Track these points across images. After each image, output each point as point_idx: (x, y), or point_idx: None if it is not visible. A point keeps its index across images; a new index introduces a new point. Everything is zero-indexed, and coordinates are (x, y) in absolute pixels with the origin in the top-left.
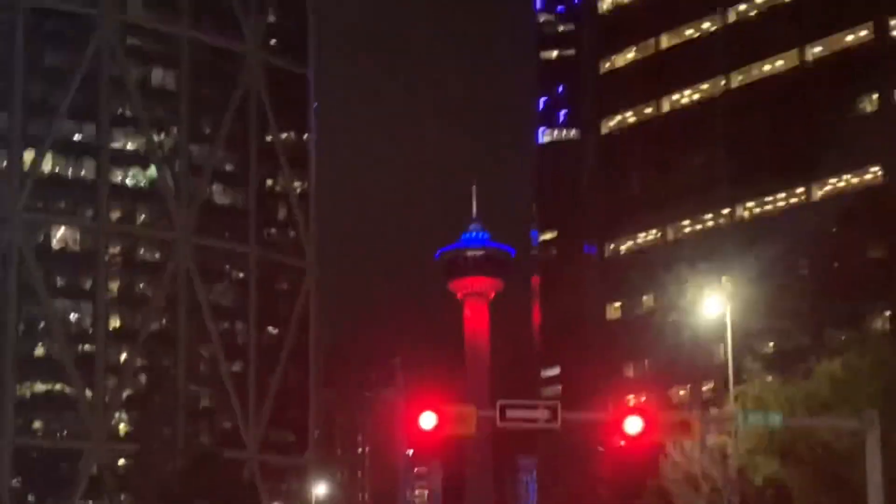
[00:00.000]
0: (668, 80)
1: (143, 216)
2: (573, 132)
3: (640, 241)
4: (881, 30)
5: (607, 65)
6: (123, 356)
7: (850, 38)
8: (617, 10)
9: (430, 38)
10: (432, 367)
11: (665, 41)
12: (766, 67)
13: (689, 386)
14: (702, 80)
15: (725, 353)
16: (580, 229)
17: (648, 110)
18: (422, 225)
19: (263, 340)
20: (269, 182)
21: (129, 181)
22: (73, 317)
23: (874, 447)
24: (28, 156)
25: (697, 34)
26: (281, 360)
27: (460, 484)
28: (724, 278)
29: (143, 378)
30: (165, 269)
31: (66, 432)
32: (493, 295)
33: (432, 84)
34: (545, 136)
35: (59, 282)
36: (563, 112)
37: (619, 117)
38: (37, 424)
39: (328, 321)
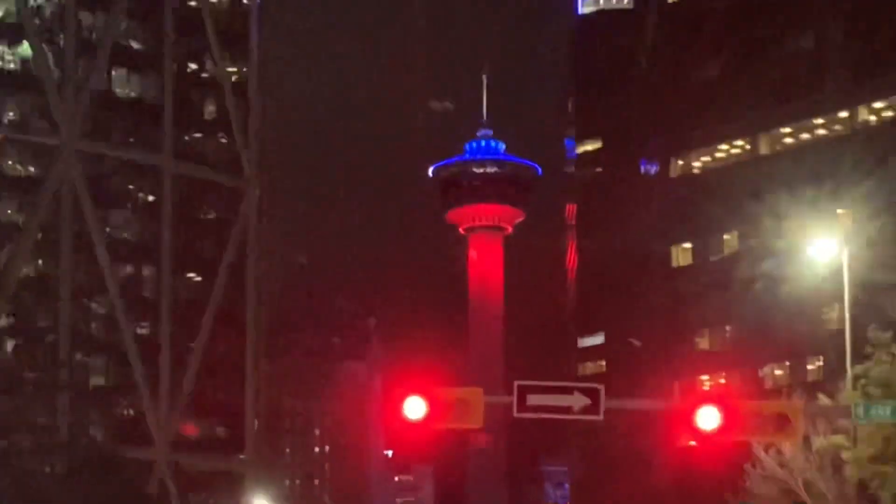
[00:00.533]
0: None
1: (12, 113)
2: None
3: (719, 155)
4: None
5: None
6: None
7: None
8: None
9: None
10: (422, 333)
11: None
12: None
13: (787, 364)
14: None
15: (840, 317)
16: (635, 138)
17: None
18: (410, 131)
19: (182, 292)
20: (193, 66)
21: None
22: None
23: None
24: None
25: None
26: (206, 321)
27: (460, 498)
28: (839, 210)
29: (9, 344)
30: (42, 189)
31: None
32: (509, 230)
33: None
34: (586, 4)
35: None
36: None
37: None
38: None
39: (274, 265)
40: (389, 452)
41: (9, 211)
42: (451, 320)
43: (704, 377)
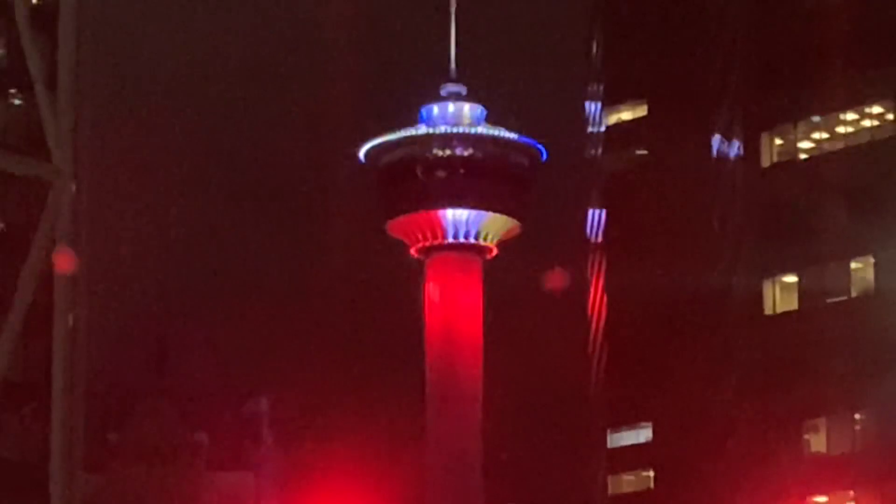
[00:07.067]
0: None
1: None
2: None
3: (843, 129)
4: None
5: None
6: None
7: None
8: None
9: None
10: (345, 422)
11: None
12: None
13: None
14: None
15: None
16: (701, 100)
17: None
18: (327, 88)
19: None
20: None
21: None
22: None
23: None
24: None
25: None
26: None
27: None
28: None
29: None
30: None
31: None
32: (493, 252)
33: None
34: None
35: None
36: None
37: None
38: None
39: (101, 311)
40: None
41: None
42: (393, 401)
43: (820, 499)
